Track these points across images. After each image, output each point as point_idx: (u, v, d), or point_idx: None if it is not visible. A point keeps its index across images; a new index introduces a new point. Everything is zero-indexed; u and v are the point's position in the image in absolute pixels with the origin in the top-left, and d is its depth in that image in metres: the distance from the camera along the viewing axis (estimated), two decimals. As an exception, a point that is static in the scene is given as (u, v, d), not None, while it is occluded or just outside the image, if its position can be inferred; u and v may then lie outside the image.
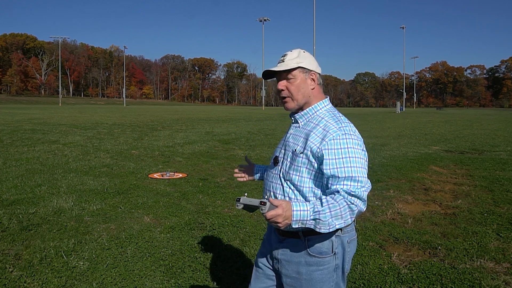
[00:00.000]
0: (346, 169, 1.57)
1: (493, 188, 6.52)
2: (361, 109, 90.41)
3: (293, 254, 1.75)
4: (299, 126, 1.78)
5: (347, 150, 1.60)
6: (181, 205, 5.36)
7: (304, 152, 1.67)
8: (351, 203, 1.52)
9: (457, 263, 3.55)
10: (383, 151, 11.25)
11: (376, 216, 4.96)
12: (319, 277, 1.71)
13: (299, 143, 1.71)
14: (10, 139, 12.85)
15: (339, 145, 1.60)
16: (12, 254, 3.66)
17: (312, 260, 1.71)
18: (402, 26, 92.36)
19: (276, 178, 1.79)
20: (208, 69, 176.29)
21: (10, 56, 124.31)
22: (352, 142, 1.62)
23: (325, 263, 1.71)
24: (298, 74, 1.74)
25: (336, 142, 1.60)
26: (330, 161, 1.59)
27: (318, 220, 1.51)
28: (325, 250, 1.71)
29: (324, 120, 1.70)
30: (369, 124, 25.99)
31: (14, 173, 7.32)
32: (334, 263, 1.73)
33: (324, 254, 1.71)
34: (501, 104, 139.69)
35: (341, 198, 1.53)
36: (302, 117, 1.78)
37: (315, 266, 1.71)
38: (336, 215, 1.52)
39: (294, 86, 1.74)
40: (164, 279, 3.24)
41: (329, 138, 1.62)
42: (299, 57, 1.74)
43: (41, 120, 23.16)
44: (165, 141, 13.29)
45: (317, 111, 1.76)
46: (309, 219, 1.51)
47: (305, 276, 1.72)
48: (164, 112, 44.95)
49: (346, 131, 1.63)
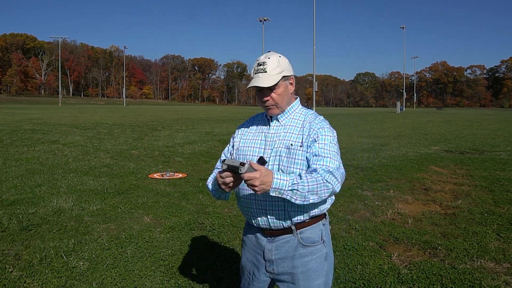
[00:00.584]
0: (326, 151, 1.72)
1: (493, 188, 6.52)
2: (361, 109, 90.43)
3: (287, 250, 1.80)
4: (280, 124, 1.85)
5: (330, 138, 1.77)
6: (181, 205, 5.36)
7: (303, 145, 1.76)
8: (327, 181, 1.61)
9: (457, 263, 3.55)
10: (383, 151, 11.25)
11: (376, 216, 4.95)
12: (313, 267, 1.79)
13: (291, 138, 1.78)
14: (10, 139, 12.85)
15: (325, 133, 1.77)
16: (12, 254, 3.65)
17: (305, 250, 1.79)
18: (402, 26, 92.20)
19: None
20: (208, 69, 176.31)
21: (10, 56, 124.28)
22: (331, 132, 1.80)
23: (317, 251, 1.81)
24: (281, 83, 1.81)
25: (325, 130, 1.78)
26: (319, 145, 1.73)
27: (296, 191, 1.57)
28: (317, 239, 1.81)
29: (307, 116, 1.85)
30: (369, 124, 25.99)
31: (14, 173, 7.31)
32: (324, 251, 1.83)
33: (316, 243, 1.81)
34: (501, 104, 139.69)
35: (318, 176, 1.62)
36: (283, 116, 1.86)
37: (309, 256, 1.79)
38: (312, 190, 1.59)
39: (277, 95, 1.81)
40: (164, 279, 3.24)
41: (317, 127, 1.77)
42: (279, 65, 1.79)
43: (41, 120, 23.16)
44: (165, 141, 13.29)
45: (295, 110, 1.89)
46: (287, 189, 1.57)
47: (300, 268, 1.79)
48: (164, 112, 44.95)
49: (328, 125, 1.82)
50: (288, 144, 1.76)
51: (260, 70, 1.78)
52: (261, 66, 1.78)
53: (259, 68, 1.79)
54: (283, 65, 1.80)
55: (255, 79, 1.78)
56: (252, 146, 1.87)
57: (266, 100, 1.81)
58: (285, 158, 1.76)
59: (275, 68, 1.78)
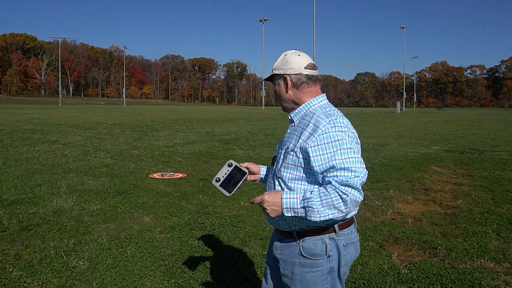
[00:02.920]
0: (337, 161, 1.56)
1: (493, 188, 6.52)
2: (361, 109, 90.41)
3: (289, 254, 1.77)
4: (294, 124, 1.80)
5: (338, 143, 1.59)
6: (181, 205, 5.36)
7: (294, 149, 1.69)
8: (343, 193, 1.50)
9: (457, 263, 3.55)
10: (383, 151, 11.25)
11: (376, 216, 4.95)
12: (312, 279, 1.71)
13: (292, 140, 1.74)
14: (10, 139, 12.85)
15: (329, 139, 1.59)
16: (12, 254, 3.65)
17: (305, 261, 1.72)
18: (402, 26, 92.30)
19: (271, 178, 1.83)
20: (208, 69, 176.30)
21: (10, 56, 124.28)
22: (342, 134, 1.61)
23: (318, 265, 1.71)
24: (276, 80, 1.84)
25: (326, 136, 1.60)
26: (323, 156, 1.58)
27: (308, 208, 1.52)
28: (319, 252, 1.70)
29: (316, 116, 1.70)
30: (369, 124, 25.98)
31: (14, 173, 7.32)
32: (328, 266, 1.71)
33: (318, 256, 1.70)
34: (501, 104, 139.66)
35: (332, 188, 1.52)
36: (296, 115, 1.81)
37: (308, 268, 1.71)
38: (328, 204, 1.51)
39: (275, 93, 1.85)
40: (164, 279, 3.24)
41: (318, 133, 1.62)
42: (278, 62, 1.82)
43: (41, 120, 23.15)
44: (165, 141, 13.29)
45: (310, 108, 1.77)
46: (299, 206, 1.53)
47: (299, 276, 1.73)
48: (164, 112, 44.95)
49: (335, 124, 1.63)
50: (286, 147, 1.75)
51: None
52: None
53: None
54: (277, 63, 1.82)
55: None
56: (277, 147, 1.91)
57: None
58: (281, 160, 1.76)
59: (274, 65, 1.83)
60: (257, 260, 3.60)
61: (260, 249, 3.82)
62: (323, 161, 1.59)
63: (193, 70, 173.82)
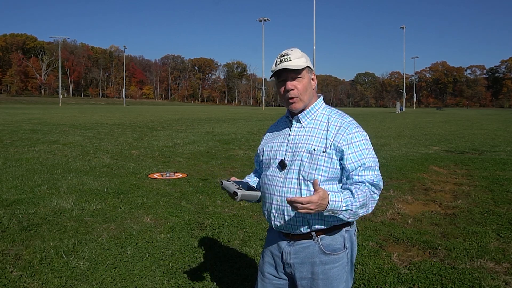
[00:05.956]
0: (367, 160, 1.67)
1: (493, 188, 6.52)
2: (361, 109, 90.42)
3: (307, 255, 1.74)
4: (302, 126, 1.77)
5: (363, 142, 1.69)
6: (181, 205, 5.36)
7: (326, 151, 1.68)
8: (374, 192, 1.63)
9: (457, 263, 3.55)
10: (383, 151, 11.25)
11: (376, 216, 4.95)
12: (335, 275, 1.74)
13: (314, 142, 1.70)
14: (10, 139, 12.85)
15: (356, 138, 1.68)
16: (12, 254, 3.66)
17: (327, 258, 1.73)
18: (402, 26, 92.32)
19: (288, 182, 1.73)
20: (208, 69, 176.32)
21: (10, 56, 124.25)
22: (364, 135, 1.72)
23: (339, 259, 1.75)
24: (306, 74, 1.75)
25: (353, 136, 1.68)
26: (353, 155, 1.66)
27: (349, 211, 1.57)
28: (339, 247, 1.75)
29: (331, 117, 1.75)
30: (369, 124, 25.98)
31: (14, 173, 7.32)
32: (346, 258, 1.78)
33: (338, 251, 1.74)
34: (501, 104, 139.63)
35: (366, 189, 1.61)
36: (305, 116, 1.78)
37: (331, 264, 1.73)
38: (362, 205, 1.60)
39: (302, 86, 1.73)
40: (164, 279, 3.24)
41: (346, 133, 1.68)
42: (303, 56, 1.73)
43: (41, 120, 23.15)
44: (165, 141, 13.29)
45: (318, 109, 1.79)
46: (341, 209, 1.56)
47: (321, 275, 1.73)
48: (164, 112, 44.95)
49: (355, 124, 1.72)
50: (310, 149, 1.69)
51: (284, 59, 1.71)
52: (284, 56, 1.72)
53: (282, 59, 1.72)
54: (307, 57, 1.76)
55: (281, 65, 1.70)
56: (274, 150, 1.81)
57: (291, 89, 1.71)
58: (306, 163, 1.69)
59: (300, 57, 1.72)
60: (257, 260, 3.60)
61: (260, 249, 3.82)
62: (355, 159, 1.66)
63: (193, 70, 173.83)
